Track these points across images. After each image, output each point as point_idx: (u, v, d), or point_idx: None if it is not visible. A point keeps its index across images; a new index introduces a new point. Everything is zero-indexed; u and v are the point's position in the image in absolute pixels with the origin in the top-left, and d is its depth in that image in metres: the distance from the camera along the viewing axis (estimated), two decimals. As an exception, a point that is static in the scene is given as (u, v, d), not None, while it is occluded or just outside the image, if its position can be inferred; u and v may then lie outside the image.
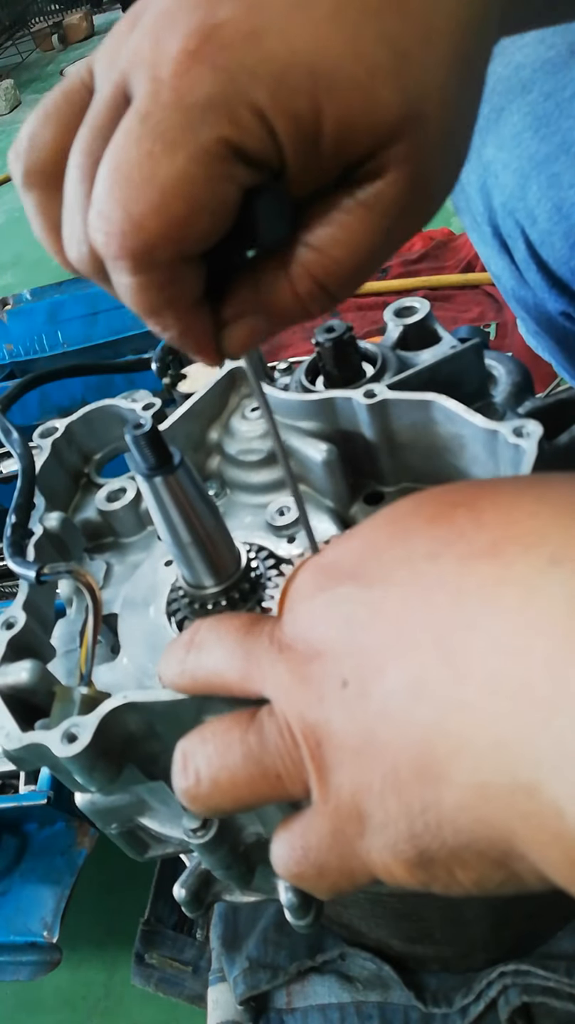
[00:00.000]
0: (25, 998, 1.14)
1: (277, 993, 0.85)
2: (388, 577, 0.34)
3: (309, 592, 0.38)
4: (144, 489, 0.50)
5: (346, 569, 0.37)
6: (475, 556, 0.32)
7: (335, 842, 0.35)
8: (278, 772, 0.36)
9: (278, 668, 0.36)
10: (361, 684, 0.33)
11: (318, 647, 0.35)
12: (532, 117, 0.76)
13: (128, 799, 0.56)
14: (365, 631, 0.34)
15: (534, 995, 0.78)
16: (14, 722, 0.49)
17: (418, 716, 0.31)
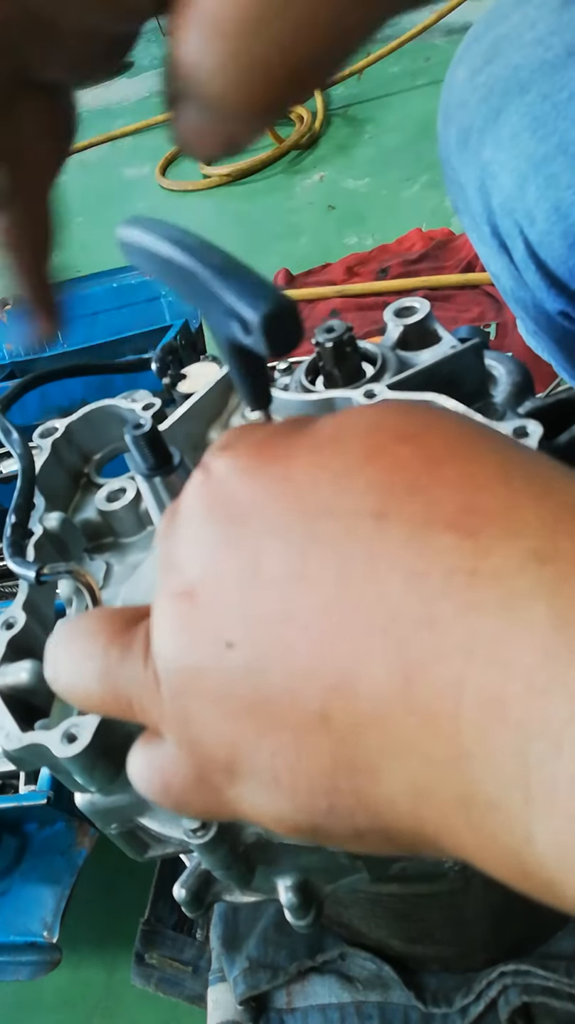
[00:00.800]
0: (25, 998, 1.14)
1: (277, 993, 0.85)
2: (316, 530, 0.27)
3: (204, 506, 0.31)
4: (144, 489, 0.50)
5: (256, 499, 0.29)
6: (436, 528, 0.25)
7: (198, 786, 0.32)
8: (130, 701, 0.32)
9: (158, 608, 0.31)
10: (258, 658, 0.27)
11: (204, 588, 0.29)
12: (530, 118, 0.76)
13: (128, 799, 0.56)
14: (274, 595, 0.27)
15: (534, 995, 0.78)
16: (14, 722, 0.49)
17: (347, 710, 0.26)
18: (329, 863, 0.57)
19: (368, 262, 2.04)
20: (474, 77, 0.83)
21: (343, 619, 0.26)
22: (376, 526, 0.26)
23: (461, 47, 0.89)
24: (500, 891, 0.68)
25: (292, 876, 0.60)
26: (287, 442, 0.31)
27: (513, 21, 0.82)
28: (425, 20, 2.83)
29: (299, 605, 0.27)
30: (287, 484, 0.29)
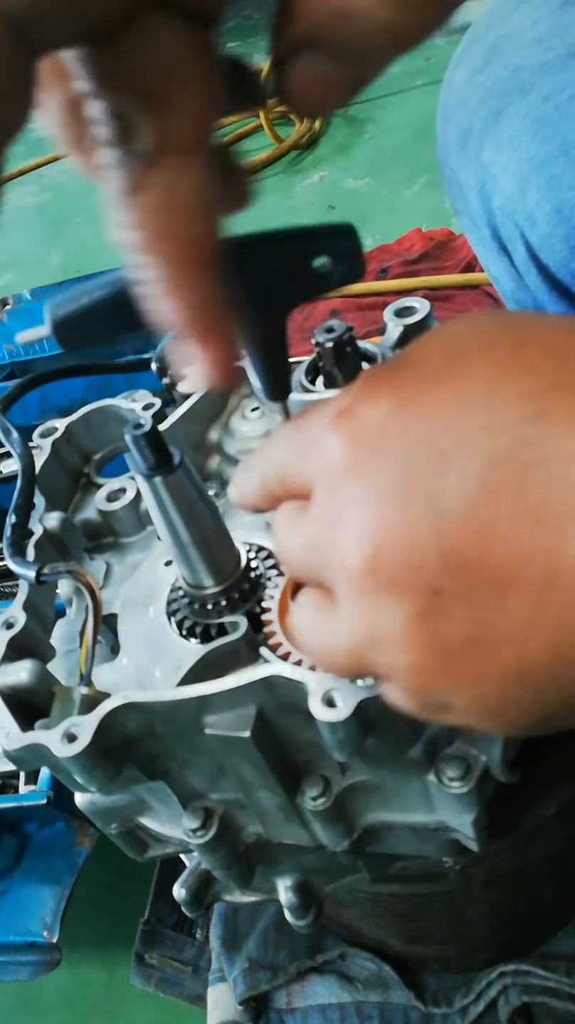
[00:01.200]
0: (25, 998, 1.14)
1: (277, 993, 0.84)
2: (486, 450, 0.30)
3: (373, 459, 0.32)
4: (144, 489, 0.50)
5: (422, 437, 0.31)
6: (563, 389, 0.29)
7: (351, 654, 0.34)
8: (320, 565, 0.35)
9: (330, 440, 0.34)
10: (471, 590, 0.30)
11: (395, 538, 0.31)
12: (531, 119, 0.76)
13: (128, 799, 0.56)
14: (470, 528, 0.29)
15: (534, 995, 0.78)
16: (14, 722, 0.49)
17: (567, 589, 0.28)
18: (329, 863, 0.57)
19: (368, 262, 2.04)
20: (474, 78, 0.83)
21: (540, 515, 0.28)
22: (538, 428, 0.28)
23: (460, 47, 0.89)
24: (500, 891, 0.68)
25: (292, 876, 0.60)
26: (415, 383, 0.33)
27: (513, 21, 0.82)
28: (425, 20, 2.83)
29: (495, 517, 0.29)
30: (444, 418, 0.31)
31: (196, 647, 0.55)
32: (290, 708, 0.45)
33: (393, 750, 0.46)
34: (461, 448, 0.30)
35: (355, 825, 0.53)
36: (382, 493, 0.31)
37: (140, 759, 0.49)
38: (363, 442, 0.33)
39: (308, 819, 0.51)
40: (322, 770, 0.50)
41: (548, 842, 0.66)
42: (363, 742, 0.43)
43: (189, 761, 0.50)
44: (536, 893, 0.74)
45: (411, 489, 0.31)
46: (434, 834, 0.52)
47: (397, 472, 0.31)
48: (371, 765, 0.48)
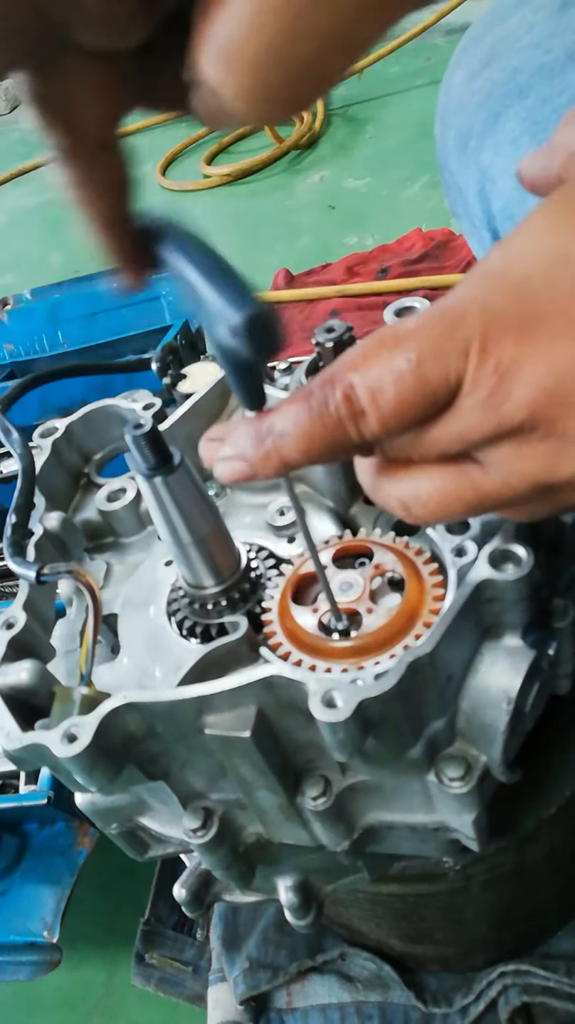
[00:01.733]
0: (25, 998, 1.14)
1: (277, 993, 0.84)
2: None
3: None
4: (144, 489, 0.50)
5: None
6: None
7: (481, 502, 0.38)
8: (501, 507, 0.39)
9: (498, 443, 0.36)
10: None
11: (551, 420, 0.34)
12: (530, 122, 0.76)
13: (128, 799, 0.56)
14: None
15: (534, 995, 0.78)
16: (14, 722, 0.49)
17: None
18: (329, 863, 0.57)
19: (368, 262, 2.04)
20: (472, 80, 0.83)
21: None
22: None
23: (458, 50, 0.88)
24: (500, 891, 0.68)
25: (292, 876, 0.60)
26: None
27: (511, 24, 0.82)
28: (425, 20, 2.83)
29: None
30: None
31: (196, 647, 0.55)
32: (290, 708, 0.45)
33: (393, 750, 0.46)
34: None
35: (355, 825, 0.53)
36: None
37: (140, 759, 0.49)
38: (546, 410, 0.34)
39: (308, 819, 0.51)
40: (322, 770, 0.50)
41: (548, 842, 0.66)
42: (363, 742, 0.43)
43: (189, 761, 0.50)
44: (536, 893, 0.74)
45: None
46: (434, 834, 0.52)
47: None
48: (371, 765, 0.48)
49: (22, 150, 4.01)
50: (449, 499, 0.38)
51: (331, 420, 0.37)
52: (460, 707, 0.47)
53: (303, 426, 0.37)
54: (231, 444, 0.40)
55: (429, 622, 0.49)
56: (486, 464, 0.37)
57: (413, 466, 0.39)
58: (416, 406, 0.35)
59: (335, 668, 0.49)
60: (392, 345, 0.35)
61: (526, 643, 0.47)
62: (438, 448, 0.37)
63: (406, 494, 0.39)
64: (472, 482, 0.37)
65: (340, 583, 0.52)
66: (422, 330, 0.35)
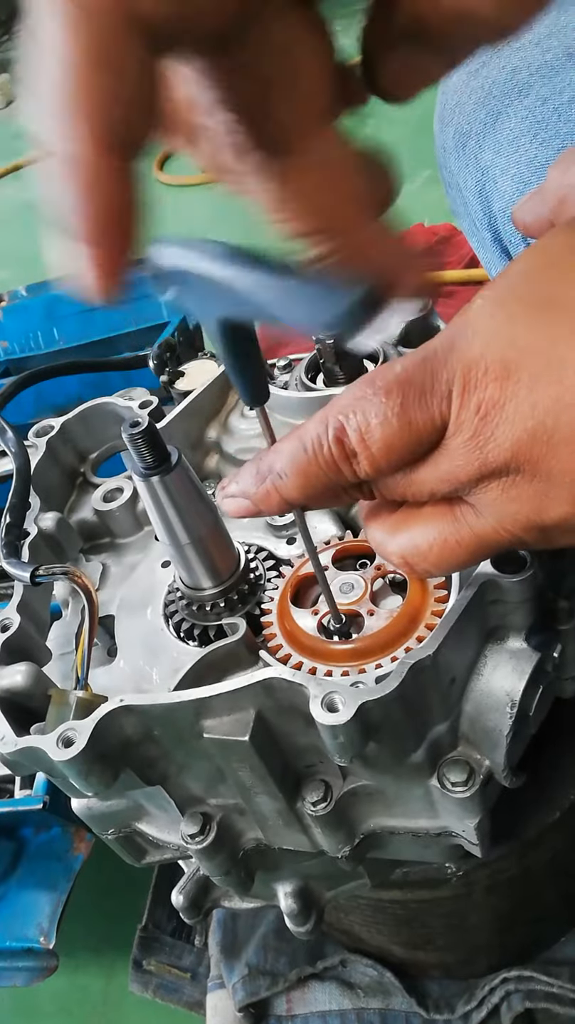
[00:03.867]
0: (22, 1004, 1.13)
1: (277, 1000, 0.84)
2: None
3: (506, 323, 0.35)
4: (141, 489, 0.49)
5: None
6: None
7: (479, 546, 0.38)
8: (499, 549, 0.38)
9: (487, 485, 0.36)
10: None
11: (535, 463, 0.34)
12: (530, 121, 0.75)
13: (125, 804, 0.55)
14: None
15: (537, 1001, 0.77)
16: (9, 726, 0.48)
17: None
18: (329, 868, 0.56)
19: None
20: (470, 79, 0.82)
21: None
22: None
23: None
24: (503, 897, 0.67)
25: (292, 882, 0.59)
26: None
27: None
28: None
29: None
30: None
31: (194, 649, 0.55)
32: (290, 712, 0.45)
33: (395, 754, 0.46)
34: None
35: (356, 831, 0.52)
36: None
37: (137, 764, 0.49)
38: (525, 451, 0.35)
39: (308, 824, 0.51)
40: (322, 775, 0.49)
41: (551, 847, 0.66)
42: (364, 746, 0.42)
43: (187, 765, 0.50)
44: (539, 899, 0.73)
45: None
46: (436, 840, 0.52)
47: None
48: (372, 770, 0.47)
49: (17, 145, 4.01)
50: (448, 546, 0.38)
51: (325, 461, 0.38)
52: (463, 710, 0.47)
53: (300, 466, 0.39)
54: (235, 482, 0.43)
55: (431, 624, 0.48)
56: (478, 507, 0.37)
57: (410, 519, 0.40)
58: (403, 448, 0.37)
59: (335, 671, 0.48)
60: (377, 390, 0.37)
61: (530, 645, 0.46)
62: (428, 487, 0.38)
63: (406, 548, 0.40)
64: (469, 526, 0.38)
65: (341, 584, 0.52)
66: (406, 373, 0.36)
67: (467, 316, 0.37)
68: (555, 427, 0.34)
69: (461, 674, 0.46)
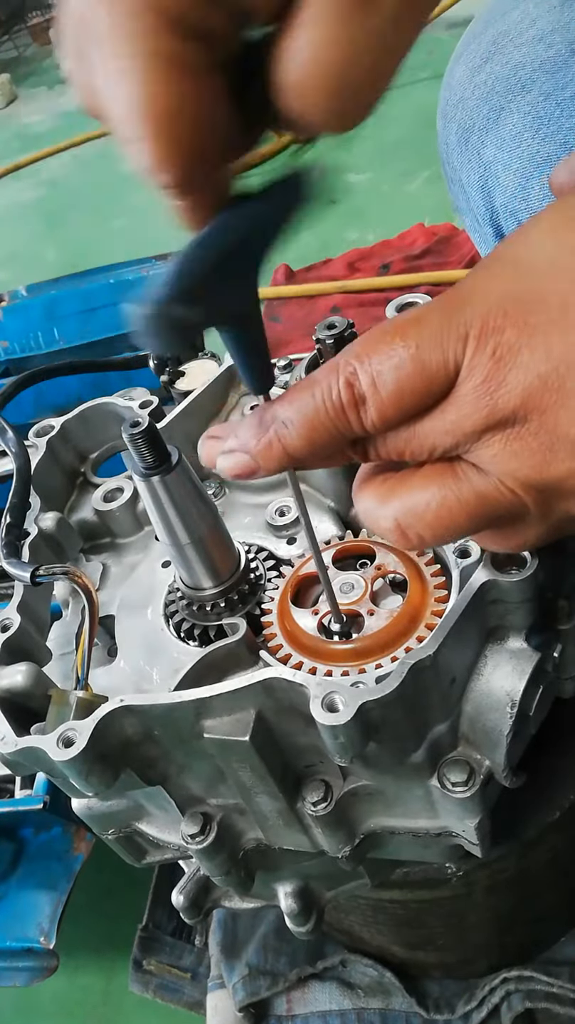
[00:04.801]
0: (22, 1004, 1.13)
1: (277, 1000, 0.84)
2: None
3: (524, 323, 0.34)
4: (141, 489, 0.49)
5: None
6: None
7: (547, 535, 0.38)
8: (498, 517, 0.37)
9: (489, 440, 0.35)
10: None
11: (543, 412, 0.34)
12: (532, 117, 0.75)
13: (125, 804, 0.55)
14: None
15: (537, 1001, 0.77)
16: (9, 726, 0.48)
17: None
18: (330, 868, 0.56)
19: (370, 257, 2.03)
20: (474, 75, 0.82)
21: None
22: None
23: (459, 44, 0.88)
24: (503, 897, 0.67)
25: (292, 882, 0.59)
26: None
27: (513, 18, 0.81)
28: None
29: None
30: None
31: (194, 649, 0.54)
32: (290, 712, 0.45)
33: (395, 754, 0.45)
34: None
35: (356, 831, 0.52)
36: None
37: (138, 764, 0.49)
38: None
39: (308, 824, 0.51)
40: (323, 775, 0.49)
41: (551, 847, 0.66)
42: (364, 746, 0.42)
43: (187, 766, 0.50)
44: (539, 899, 0.73)
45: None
46: (436, 840, 0.51)
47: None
48: (372, 770, 0.47)
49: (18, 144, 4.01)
50: (447, 505, 0.37)
51: (334, 407, 0.37)
52: (463, 710, 0.47)
53: (306, 413, 0.37)
54: (233, 436, 0.40)
55: (432, 624, 0.48)
56: (480, 463, 0.37)
57: (406, 479, 0.39)
58: (415, 392, 0.36)
59: (336, 671, 0.48)
60: (393, 333, 0.36)
61: (530, 645, 0.46)
62: (431, 441, 0.37)
63: (401, 511, 0.38)
64: (470, 482, 0.37)
65: (341, 584, 0.52)
66: (423, 319, 0.36)
67: (487, 262, 0.37)
68: (567, 374, 0.33)
69: (461, 674, 0.46)
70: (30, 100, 4.77)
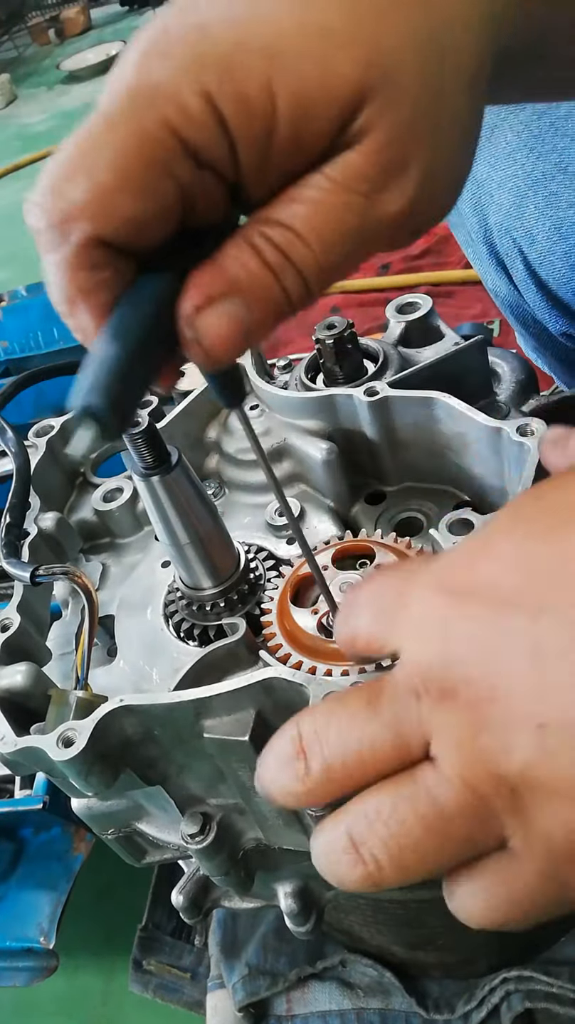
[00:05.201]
0: (22, 1004, 1.14)
1: (277, 1000, 0.84)
2: (569, 601, 0.30)
3: (466, 625, 0.32)
4: (141, 489, 0.49)
5: (506, 592, 0.32)
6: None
7: (547, 884, 0.32)
8: (468, 835, 0.32)
9: (442, 721, 0.32)
10: (562, 722, 0.29)
11: (493, 688, 0.31)
12: (526, 135, 0.75)
13: (125, 804, 0.55)
14: (556, 665, 0.30)
15: (537, 1001, 0.77)
16: (8, 726, 0.48)
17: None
18: (330, 869, 0.56)
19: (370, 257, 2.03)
20: None
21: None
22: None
23: None
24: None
25: (292, 882, 0.59)
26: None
27: None
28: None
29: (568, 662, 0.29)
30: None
31: (194, 649, 0.55)
32: (290, 711, 0.44)
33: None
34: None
35: (356, 831, 0.52)
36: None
37: (137, 764, 0.49)
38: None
39: (308, 824, 0.51)
40: (323, 775, 0.49)
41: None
42: (365, 747, 0.42)
43: (187, 766, 0.49)
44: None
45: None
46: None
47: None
48: (373, 770, 0.47)
49: (18, 144, 4.01)
50: (399, 812, 0.32)
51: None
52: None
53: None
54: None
55: (432, 624, 0.48)
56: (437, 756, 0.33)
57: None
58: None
59: (335, 670, 0.48)
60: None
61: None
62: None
63: (353, 820, 0.34)
64: (426, 787, 0.32)
65: (341, 584, 0.52)
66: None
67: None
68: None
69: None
70: (30, 100, 4.77)
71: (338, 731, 0.34)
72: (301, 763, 0.35)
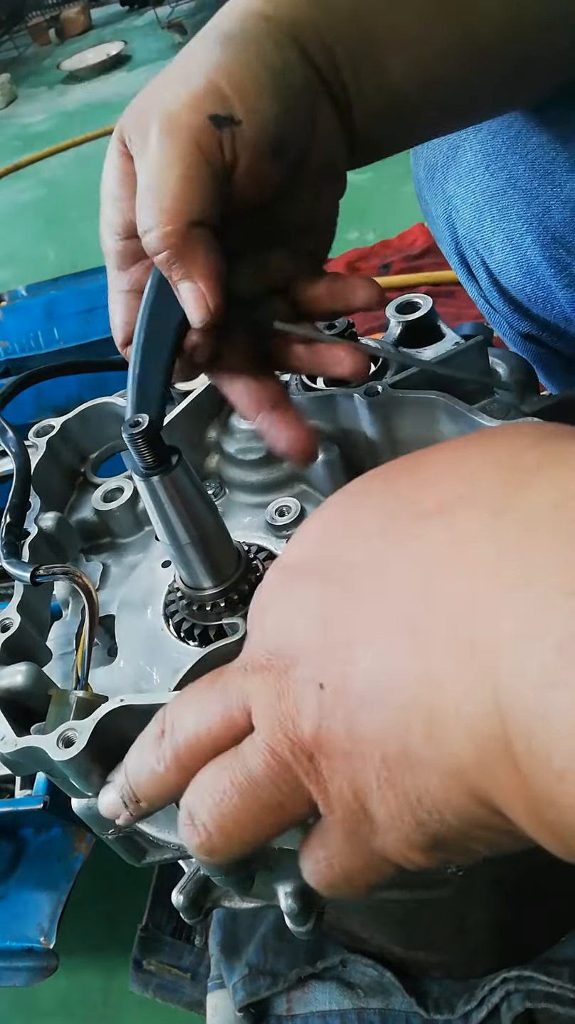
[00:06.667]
0: (22, 1004, 1.13)
1: (277, 1000, 0.84)
2: (348, 564, 0.34)
3: (276, 600, 0.36)
4: (141, 489, 0.49)
5: (308, 566, 0.36)
6: (423, 519, 0.32)
7: (353, 847, 0.34)
8: (279, 801, 0.34)
9: (255, 689, 0.34)
10: (338, 681, 0.31)
11: (293, 654, 0.34)
12: (483, 154, 0.79)
13: (125, 804, 0.55)
14: (335, 626, 0.32)
15: (537, 1001, 0.77)
16: (8, 726, 0.48)
17: (392, 700, 0.30)
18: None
19: (369, 257, 2.03)
20: None
21: (368, 618, 0.32)
22: (384, 538, 0.34)
23: None
24: (503, 896, 0.67)
25: (292, 882, 0.59)
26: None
27: None
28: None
29: (342, 620, 0.33)
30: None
31: (194, 649, 0.54)
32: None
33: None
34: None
35: (357, 831, 0.52)
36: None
37: (137, 764, 0.48)
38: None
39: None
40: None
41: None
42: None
43: (187, 766, 0.49)
44: (540, 899, 0.73)
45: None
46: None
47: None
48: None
49: (18, 144, 4.01)
50: (220, 782, 0.34)
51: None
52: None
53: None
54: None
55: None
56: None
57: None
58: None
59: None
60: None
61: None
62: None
63: (188, 794, 0.36)
64: (243, 756, 0.34)
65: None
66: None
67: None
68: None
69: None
70: (30, 100, 4.77)
71: (190, 713, 0.37)
72: (161, 745, 0.38)
